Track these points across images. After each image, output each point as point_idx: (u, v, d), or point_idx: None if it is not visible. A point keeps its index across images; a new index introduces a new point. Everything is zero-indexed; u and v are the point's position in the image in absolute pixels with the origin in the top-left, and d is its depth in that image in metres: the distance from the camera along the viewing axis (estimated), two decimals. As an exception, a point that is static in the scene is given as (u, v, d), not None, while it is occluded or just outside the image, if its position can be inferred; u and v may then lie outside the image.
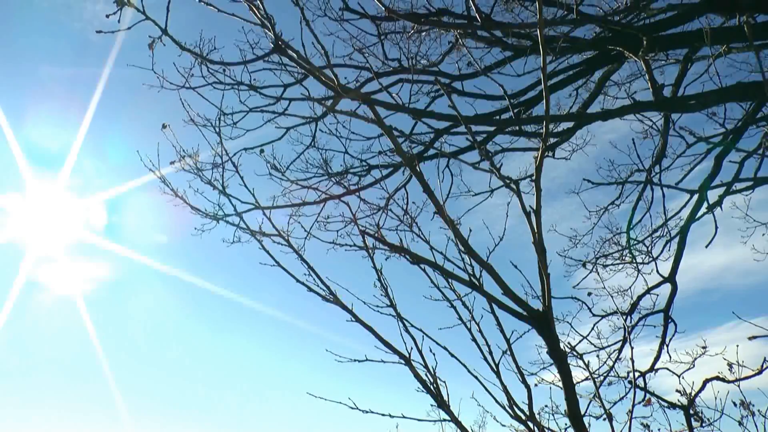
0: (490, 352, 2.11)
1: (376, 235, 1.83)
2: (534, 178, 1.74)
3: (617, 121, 6.11)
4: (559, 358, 1.53)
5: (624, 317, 5.53)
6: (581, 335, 4.68)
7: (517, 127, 4.96)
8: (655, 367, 4.93)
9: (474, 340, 2.16)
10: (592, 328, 5.63)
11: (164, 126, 2.79)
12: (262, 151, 4.24)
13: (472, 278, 1.69)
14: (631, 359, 1.98)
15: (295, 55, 1.62)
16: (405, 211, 2.78)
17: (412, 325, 2.14)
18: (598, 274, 5.99)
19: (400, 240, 1.87)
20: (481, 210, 6.32)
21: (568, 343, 2.26)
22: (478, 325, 2.21)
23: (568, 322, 4.44)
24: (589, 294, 5.14)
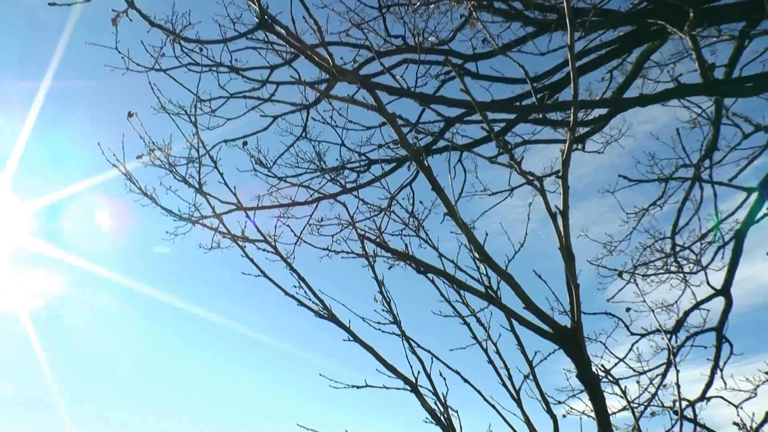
0: (510, 377, 2.12)
1: (378, 240, 1.84)
2: (560, 174, 1.75)
3: (658, 109, 6.11)
4: (591, 383, 1.53)
5: (668, 336, 5.50)
6: (617, 357, 4.67)
7: (541, 115, 4.98)
8: (707, 396, 4.91)
9: (491, 362, 2.17)
10: (630, 349, 5.61)
11: (130, 114, 2.82)
12: (245, 143, 4.27)
13: (488, 290, 1.70)
14: (677, 385, 1.97)
15: (283, 32, 1.64)
16: (410, 213, 2.80)
17: (419, 346, 2.16)
18: (638, 285, 5.99)
19: (406, 246, 1.88)
20: (497, 213, 6.33)
21: (602, 365, 2.26)
22: (495, 345, 2.22)
23: (601, 342, 4.45)
24: (628, 310, 5.14)
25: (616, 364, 4.72)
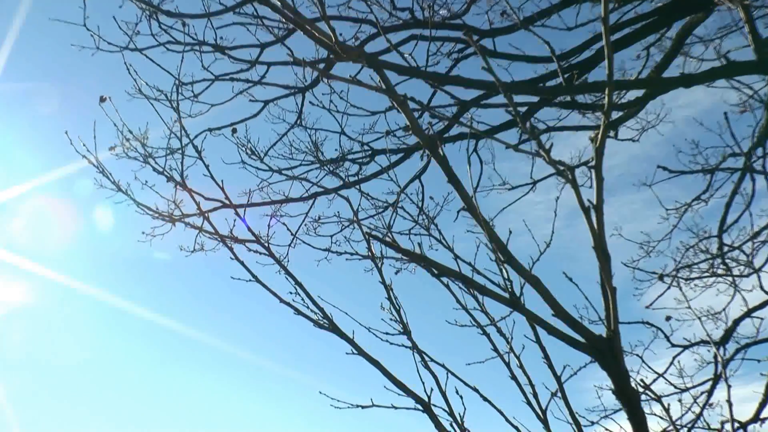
0: (535, 395, 2.12)
1: (386, 238, 1.84)
2: (592, 163, 1.75)
3: (700, 92, 6.07)
4: (630, 400, 1.53)
5: (716, 348, 5.48)
6: (656, 372, 4.66)
7: (569, 98, 4.97)
8: (761, 416, 4.88)
9: (513, 378, 2.17)
10: (671, 363, 5.59)
11: (103, 99, 2.82)
12: (234, 130, 4.29)
13: (512, 296, 1.70)
14: (729, 402, 1.97)
15: (278, 4, 1.64)
16: (420, 209, 2.80)
17: (432, 359, 2.17)
18: (681, 290, 5.95)
19: (419, 246, 1.88)
20: (515, 209, 6.32)
21: (642, 380, 2.26)
22: (518, 358, 2.22)
23: (638, 354, 4.42)
24: (668, 318, 5.12)
25: (655, 380, 4.71)
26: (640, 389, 1.89)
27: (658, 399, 2.14)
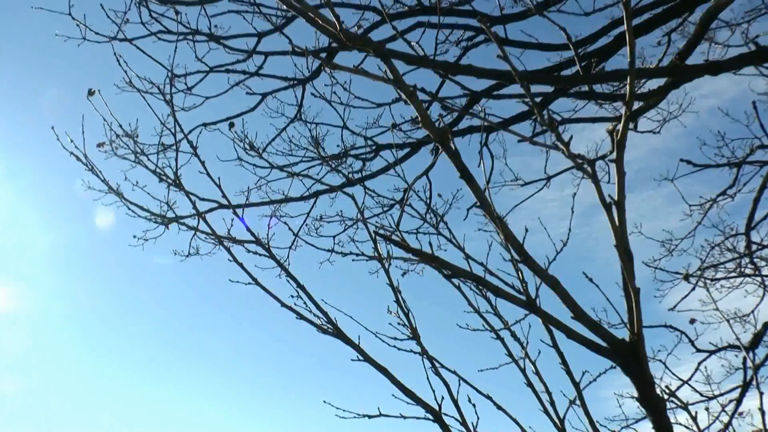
0: (552, 403, 2.12)
1: (394, 238, 1.85)
2: (611, 157, 1.75)
3: (723, 81, 6.03)
4: (656, 408, 1.53)
5: (745, 352, 5.45)
6: (680, 379, 4.64)
7: (587, 87, 4.95)
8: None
9: (529, 385, 2.17)
10: (697, 369, 5.56)
11: (91, 92, 2.82)
12: (232, 124, 4.29)
13: (529, 298, 1.70)
14: (761, 411, 1.97)
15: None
16: (428, 207, 2.80)
17: (443, 366, 2.17)
18: (708, 291, 5.93)
19: (430, 246, 1.88)
20: (527, 207, 6.31)
21: (667, 387, 2.26)
22: (533, 363, 2.22)
23: (660, 360, 4.42)
24: (692, 321, 5.11)
25: (679, 387, 4.70)
26: (666, 396, 1.89)
27: (685, 407, 2.13)
